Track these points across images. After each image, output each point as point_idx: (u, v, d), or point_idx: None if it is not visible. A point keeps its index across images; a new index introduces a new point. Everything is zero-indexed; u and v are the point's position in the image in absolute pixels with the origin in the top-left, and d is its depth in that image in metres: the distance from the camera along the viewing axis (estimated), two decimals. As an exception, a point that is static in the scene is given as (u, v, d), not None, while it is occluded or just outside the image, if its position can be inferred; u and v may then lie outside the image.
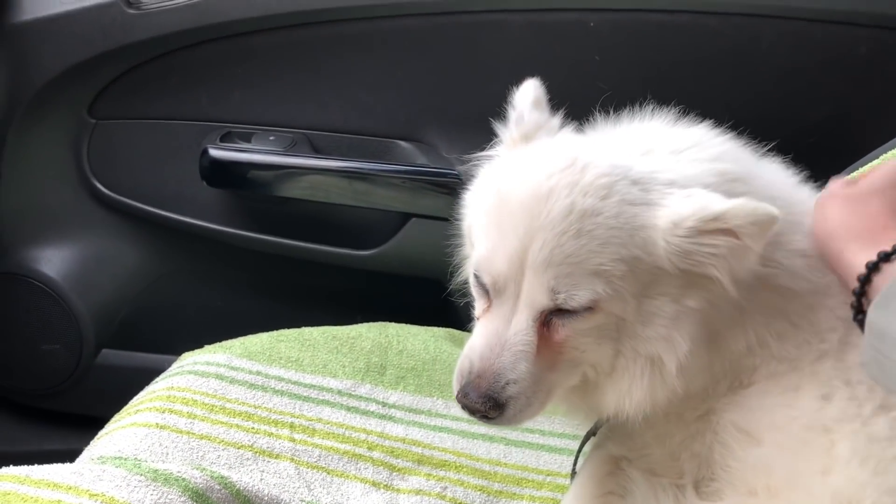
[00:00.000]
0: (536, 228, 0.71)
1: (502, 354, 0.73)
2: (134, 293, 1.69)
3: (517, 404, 0.74)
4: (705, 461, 0.79)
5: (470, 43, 1.50)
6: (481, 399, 0.73)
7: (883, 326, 0.65)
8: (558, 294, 0.71)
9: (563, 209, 0.71)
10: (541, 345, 0.74)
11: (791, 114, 1.46)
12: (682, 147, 0.78)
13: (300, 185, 1.54)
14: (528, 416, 0.76)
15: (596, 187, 0.71)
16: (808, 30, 1.41)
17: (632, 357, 0.74)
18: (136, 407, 1.07)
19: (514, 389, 0.73)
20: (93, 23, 1.51)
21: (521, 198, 0.73)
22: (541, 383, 0.75)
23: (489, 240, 0.75)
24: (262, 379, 1.13)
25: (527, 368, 0.73)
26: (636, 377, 0.74)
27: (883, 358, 0.64)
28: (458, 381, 0.76)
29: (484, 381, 0.73)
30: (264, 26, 1.51)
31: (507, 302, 0.74)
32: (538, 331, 0.74)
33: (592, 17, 1.43)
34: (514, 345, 0.73)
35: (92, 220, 1.65)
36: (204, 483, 0.82)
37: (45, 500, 0.75)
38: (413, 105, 1.56)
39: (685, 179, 0.73)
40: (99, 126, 1.59)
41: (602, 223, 0.71)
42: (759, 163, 0.83)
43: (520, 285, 0.73)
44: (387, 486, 1.02)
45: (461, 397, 0.75)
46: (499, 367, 0.73)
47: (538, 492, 1.04)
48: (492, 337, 0.74)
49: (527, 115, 0.82)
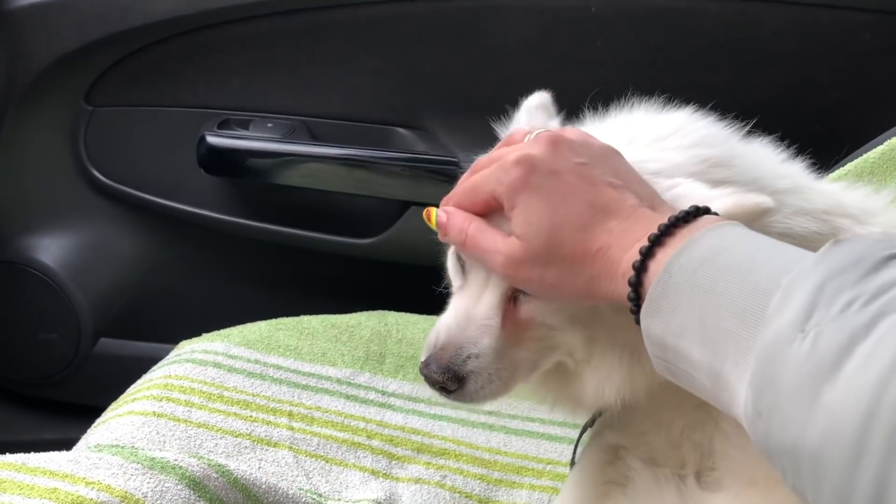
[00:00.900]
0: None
1: (467, 328, 0.73)
2: (132, 282, 1.68)
3: (478, 379, 0.73)
4: (707, 451, 0.78)
5: (470, 29, 1.49)
6: (441, 370, 0.73)
7: (657, 334, 0.58)
8: None
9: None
10: (506, 321, 0.73)
11: (795, 100, 1.45)
12: (665, 134, 0.76)
13: (299, 173, 1.53)
14: (489, 393, 0.75)
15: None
16: (812, 15, 1.39)
17: (609, 344, 0.73)
18: (133, 395, 1.06)
19: (475, 364, 0.73)
20: (89, 9, 1.50)
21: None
22: (504, 360, 0.74)
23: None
24: (261, 367, 1.13)
25: (489, 343, 0.73)
26: (615, 364, 0.73)
27: (671, 366, 0.59)
28: (424, 352, 0.76)
29: (446, 353, 0.73)
30: (262, 12, 1.49)
31: (479, 277, 0.74)
32: (505, 307, 0.73)
33: (594, 3, 1.42)
34: (480, 319, 0.73)
35: (89, 209, 1.64)
36: (201, 471, 0.81)
37: (41, 487, 0.74)
38: (412, 92, 1.55)
39: (670, 168, 0.72)
40: (96, 113, 1.58)
41: None
42: (742, 144, 0.82)
43: None
44: (386, 474, 1.02)
45: (423, 367, 0.75)
46: (462, 340, 0.73)
47: (538, 480, 1.03)
48: (461, 312, 0.74)
49: (525, 117, 0.82)
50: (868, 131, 1.14)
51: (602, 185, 0.65)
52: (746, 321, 0.52)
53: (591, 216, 0.64)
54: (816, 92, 1.45)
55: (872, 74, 1.43)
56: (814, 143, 0.88)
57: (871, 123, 1.17)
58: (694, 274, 0.56)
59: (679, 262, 0.57)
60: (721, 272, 0.55)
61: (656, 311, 0.58)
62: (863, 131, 1.16)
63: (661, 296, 0.58)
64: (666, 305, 0.57)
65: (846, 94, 1.44)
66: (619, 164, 0.70)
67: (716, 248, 0.57)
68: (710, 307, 0.54)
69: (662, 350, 0.59)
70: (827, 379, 0.47)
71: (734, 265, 0.55)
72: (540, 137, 0.69)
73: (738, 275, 0.54)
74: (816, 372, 0.47)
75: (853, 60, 1.43)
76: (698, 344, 0.55)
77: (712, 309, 0.54)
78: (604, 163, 0.68)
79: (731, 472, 0.75)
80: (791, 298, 0.50)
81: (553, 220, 0.65)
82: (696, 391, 0.59)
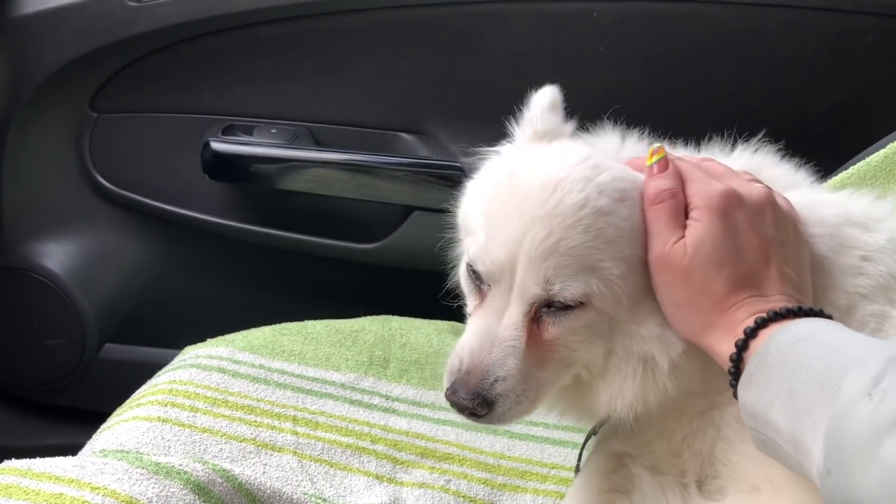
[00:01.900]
0: (542, 216, 0.71)
1: (492, 351, 0.73)
2: (137, 287, 1.69)
3: (506, 402, 0.74)
4: (708, 459, 0.78)
5: (473, 34, 1.49)
6: (470, 396, 0.73)
7: (751, 405, 0.64)
8: (552, 285, 0.71)
9: (576, 203, 0.71)
10: (530, 342, 0.73)
11: (798, 103, 1.45)
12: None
13: (302, 178, 1.53)
14: (517, 414, 0.75)
15: (612, 189, 0.72)
16: (815, 18, 1.40)
17: (624, 356, 0.74)
18: (138, 400, 1.06)
19: (503, 387, 0.73)
20: (93, 16, 1.50)
21: (530, 186, 0.73)
22: (530, 381, 0.74)
23: (490, 228, 0.75)
24: (265, 372, 1.13)
25: (516, 365, 0.73)
26: (628, 377, 0.74)
27: (762, 436, 0.64)
28: (447, 378, 0.75)
29: (473, 377, 0.73)
30: (266, 18, 1.50)
31: (499, 296, 0.74)
32: (528, 328, 0.73)
33: (596, 7, 1.42)
34: (504, 340, 0.73)
35: (94, 215, 1.65)
36: (206, 476, 0.81)
37: (46, 493, 0.74)
38: (415, 97, 1.55)
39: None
40: (101, 120, 1.59)
41: (613, 223, 0.71)
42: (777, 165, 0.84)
43: (513, 276, 0.73)
44: (390, 479, 1.02)
45: (450, 394, 0.75)
46: (488, 363, 0.73)
47: (542, 485, 1.03)
48: (483, 333, 0.74)
49: (541, 118, 0.81)
50: (871, 134, 1.14)
51: (773, 263, 0.71)
52: (826, 392, 0.57)
53: (746, 280, 0.70)
54: (819, 95, 1.45)
55: (875, 78, 1.43)
56: (817, 147, 0.89)
57: (873, 127, 1.17)
58: (788, 351, 0.62)
59: (776, 340, 0.64)
60: (812, 350, 0.61)
61: (751, 383, 0.64)
62: (866, 135, 1.16)
63: (757, 369, 0.64)
64: (761, 378, 0.64)
65: (849, 98, 1.44)
66: (799, 253, 0.73)
67: (810, 331, 0.64)
68: (799, 380, 0.60)
69: (755, 420, 0.64)
70: (887, 433, 0.51)
71: (823, 345, 0.61)
72: (760, 190, 0.74)
73: (825, 353, 0.60)
74: (878, 427, 0.52)
75: (855, 64, 1.43)
76: (785, 413, 0.61)
77: (800, 382, 0.60)
78: (788, 247, 0.73)
79: (734, 480, 0.75)
80: (864, 371, 0.56)
81: (722, 256, 0.70)
82: (784, 461, 0.64)
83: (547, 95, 0.83)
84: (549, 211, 0.71)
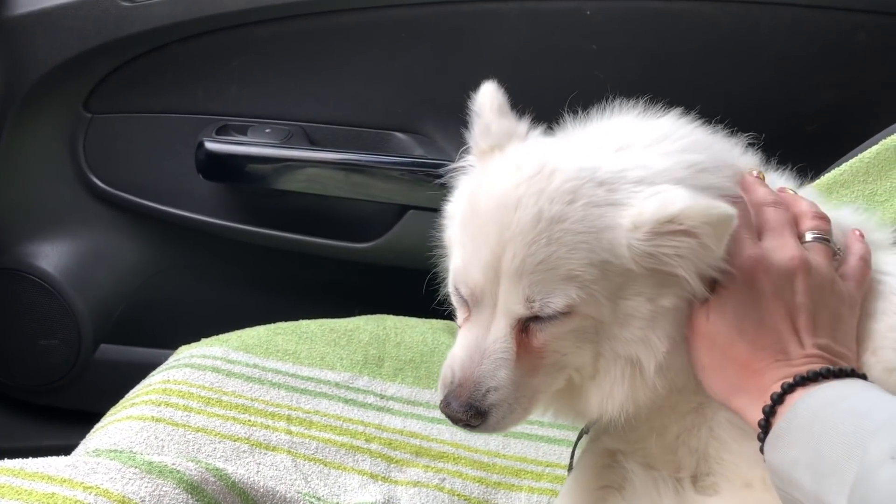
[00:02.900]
0: (507, 239, 0.71)
1: (482, 363, 0.74)
2: (132, 288, 1.69)
3: (499, 411, 0.74)
4: (702, 456, 0.79)
5: (467, 33, 1.49)
6: (463, 408, 0.74)
7: (777, 464, 0.66)
8: (533, 302, 0.71)
9: (531, 218, 0.70)
10: (521, 351, 0.74)
11: (790, 101, 1.45)
12: (652, 140, 0.77)
13: (297, 178, 1.53)
14: (511, 422, 0.76)
15: (561, 192, 0.71)
16: (807, 16, 1.40)
17: (612, 358, 0.74)
18: (131, 400, 1.06)
19: (496, 397, 0.74)
20: (87, 16, 1.50)
21: (490, 208, 0.73)
22: (523, 389, 0.75)
23: (464, 251, 0.75)
24: (259, 372, 1.13)
25: (507, 375, 0.74)
26: (617, 379, 0.75)
27: (787, 495, 0.65)
28: (441, 391, 0.76)
29: (465, 389, 0.74)
30: (260, 18, 1.50)
31: (485, 311, 0.75)
32: (517, 337, 0.74)
33: (589, 6, 1.43)
34: (494, 352, 0.74)
35: (89, 215, 1.64)
36: (199, 475, 0.81)
37: (39, 492, 0.74)
38: (409, 96, 1.55)
39: (655, 175, 0.73)
40: (95, 120, 1.59)
41: (569, 229, 0.70)
42: (730, 150, 0.83)
43: (496, 294, 0.73)
44: (385, 477, 1.02)
45: (444, 407, 0.76)
46: (479, 375, 0.74)
47: (537, 483, 1.03)
48: (472, 346, 0.75)
49: (494, 125, 0.81)
50: (863, 131, 1.14)
51: (802, 329, 0.71)
52: (852, 455, 0.59)
53: (770, 346, 0.70)
54: (811, 92, 1.45)
55: (867, 74, 1.44)
56: (809, 143, 0.89)
57: (866, 123, 1.17)
58: (816, 414, 0.64)
59: (804, 404, 0.65)
60: (839, 414, 0.63)
61: (777, 443, 0.66)
62: (858, 131, 1.16)
63: (784, 430, 0.65)
64: (787, 439, 0.65)
65: (841, 95, 1.45)
66: (836, 316, 0.73)
67: (839, 395, 0.65)
68: (825, 443, 0.61)
69: (780, 479, 0.65)
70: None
71: (850, 410, 0.63)
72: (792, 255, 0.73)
73: (851, 417, 0.62)
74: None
75: (848, 61, 1.43)
76: (809, 474, 0.62)
77: (826, 445, 0.61)
78: (821, 314, 0.72)
79: (727, 477, 0.76)
80: (889, 434, 0.57)
81: (744, 325, 0.71)
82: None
83: (490, 98, 0.82)
84: (511, 231, 0.71)
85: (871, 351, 0.75)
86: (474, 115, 0.83)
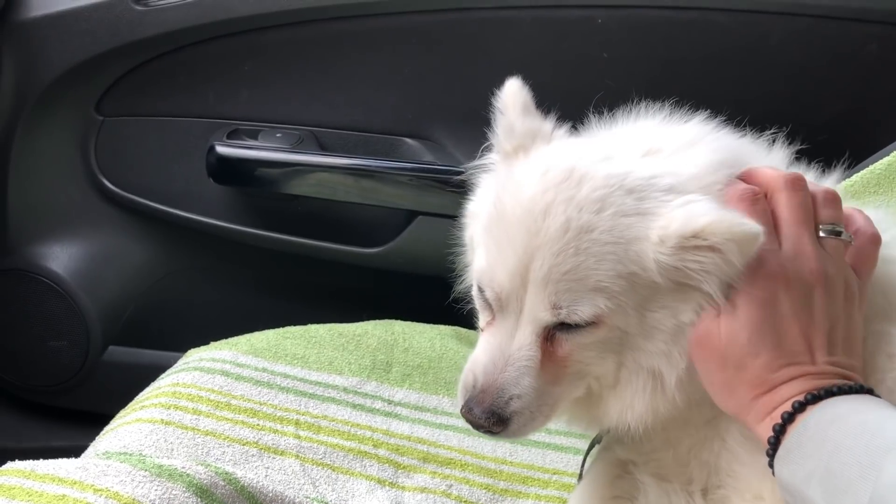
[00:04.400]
0: (535, 247, 0.70)
1: (506, 369, 0.73)
2: (141, 290, 1.69)
3: (521, 419, 0.74)
4: (714, 469, 0.78)
5: (477, 40, 1.49)
6: (485, 415, 0.73)
7: (787, 480, 0.64)
8: (560, 309, 0.70)
9: (560, 227, 0.69)
10: (544, 359, 0.73)
11: (801, 111, 1.45)
12: (681, 145, 0.75)
13: (307, 183, 1.54)
14: (531, 429, 0.76)
15: (590, 201, 0.69)
16: (818, 26, 1.40)
17: (635, 370, 0.74)
18: (141, 403, 1.07)
19: (518, 404, 0.73)
20: (100, 19, 1.51)
21: (517, 214, 0.72)
22: (545, 397, 0.74)
23: (489, 254, 0.74)
24: (268, 376, 1.13)
25: (530, 383, 0.73)
26: (639, 390, 0.74)
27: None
28: (461, 395, 0.76)
29: (487, 396, 0.73)
30: (272, 23, 1.51)
31: (510, 316, 0.74)
32: (542, 345, 0.73)
33: (600, 14, 1.43)
34: (518, 360, 0.73)
35: (99, 217, 1.65)
36: (208, 479, 0.81)
37: (49, 494, 0.75)
38: (420, 102, 1.55)
39: (685, 182, 0.71)
40: (106, 123, 1.60)
41: (597, 239, 0.69)
42: (758, 152, 0.81)
43: (522, 300, 0.72)
44: (392, 483, 1.02)
45: (465, 412, 0.75)
46: (502, 382, 0.73)
47: (544, 490, 1.03)
48: (495, 351, 0.74)
49: (518, 125, 0.79)
50: (875, 142, 1.14)
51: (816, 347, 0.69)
52: (866, 476, 0.57)
53: (784, 365, 0.68)
54: (823, 103, 1.45)
55: (879, 85, 1.43)
56: (820, 154, 0.88)
57: (877, 134, 1.17)
58: (826, 430, 0.63)
59: (815, 418, 0.64)
60: (851, 429, 0.62)
61: (788, 458, 0.64)
62: (869, 142, 1.16)
63: (795, 445, 0.64)
64: (798, 454, 0.64)
65: (853, 105, 1.44)
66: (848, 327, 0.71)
67: (849, 410, 0.64)
68: (837, 460, 0.60)
69: (791, 495, 0.64)
70: None
71: (862, 426, 0.62)
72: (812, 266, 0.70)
73: (864, 435, 0.60)
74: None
75: (859, 71, 1.42)
76: (822, 491, 0.61)
77: (838, 462, 0.60)
78: (837, 329, 0.70)
79: (738, 489, 0.75)
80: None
81: (758, 346, 0.68)
82: None
83: (515, 95, 0.80)
84: (539, 240, 0.70)
85: (888, 355, 0.73)
86: (498, 113, 0.81)
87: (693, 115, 0.81)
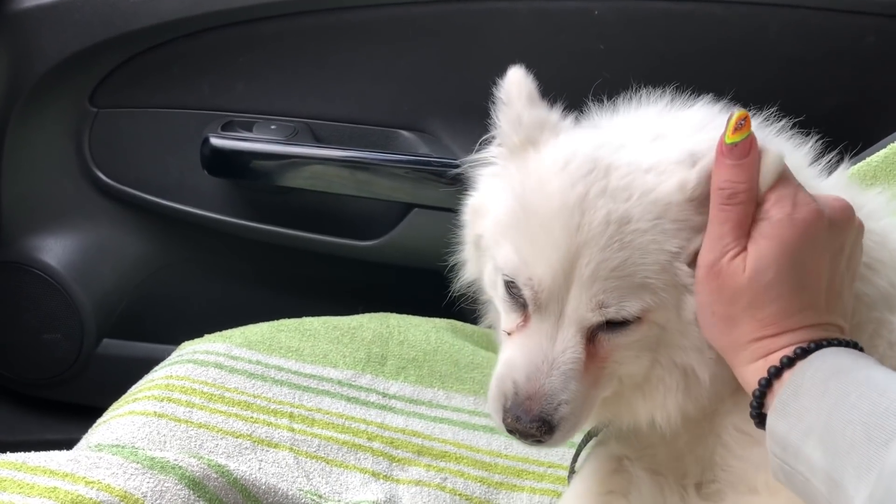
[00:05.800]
0: (580, 243, 0.67)
1: (551, 374, 0.70)
2: (135, 283, 1.69)
3: (567, 424, 0.71)
4: (708, 464, 0.77)
5: (474, 32, 1.49)
6: (535, 423, 0.70)
7: (782, 435, 0.61)
8: (607, 308, 0.68)
9: (602, 220, 0.67)
10: (586, 361, 0.70)
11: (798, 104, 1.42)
12: (689, 129, 0.74)
13: (302, 175, 1.53)
14: (572, 435, 0.73)
15: (620, 189, 0.68)
16: (816, 19, 1.39)
17: (668, 368, 0.72)
18: (134, 395, 1.06)
19: (566, 410, 0.70)
20: (94, 10, 1.50)
21: (552, 209, 0.69)
22: (588, 401, 0.72)
23: (521, 252, 0.71)
24: (262, 368, 1.13)
25: (577, 388, 0.70)
26: (671, 389, 0.72)
27: (789, 468, 0.61)
28: (499, 402, 0.72)
29: (535, 403, 0.70)
30: (266, 14, 1.50)
31: (549, 317, 0.70)
32: (586, 348, 0.70)
33: (597, 6, 1.42)
34: (563, 363, 0.70)
35: (93, 210, 1.65)
36: (201, 471, 0.81)
37: (41, 486, 0.74)
38: (416, 94, 1.55)
39: (697, 155, 0.70)
40: (100, 115, 1.59)
41: (636, 228, 0.67)
42: (764, 134, 0.80)
43: (564, 301, 0.69)
44: (386, 476, 1.02)
45: (511, 422, 0.71)
46: (549, 387, 0.69)
47: (539, 483, 1.03)
48: (536, 355, 0.70)
49: (525, 116, 0.75)
50: (872, 135, 1.14)
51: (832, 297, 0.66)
52: (874, 439, 0.54)
53: (798, 312, 0.65)
54: (820, 95, 1.44)
55: (876, 78, 1.43)
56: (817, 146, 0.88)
57: (874, 127, 1.17)
58: (826, 382, 0.59)
59: (812, 369, 0.61)
60: (854, 387, 0.58)
61: (785, 411, 0.61)
62: (866, 135, 1.16)
63: (791, 397, 0.61)
64: (796, 407, 0.60)
65: (850, 98, 1.44)
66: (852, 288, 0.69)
67: (850, 364, 0.60)
68: (839, 417, 0.57)
69: (783, 450, 0.61)
70: None
71: (869, 381, 0.58)
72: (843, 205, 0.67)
73: (872, 392, 0.56)
74: None
75: (857, 64, 1.42)
76: (821, 449, 0.57)
77: (841, 419, 0.56)
78: (850, 276, 0.68)
79: (732, 483, 0.75)
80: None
81: (781, 290, 0.64)
82: (809, 496, 0.60)
83: (519, 85, 0.77)
84: (583, 236, 0.67)
85: (889, 343, 0.72)
86: (501, 104, 0.78)
87: (698, 98, 0.79)
